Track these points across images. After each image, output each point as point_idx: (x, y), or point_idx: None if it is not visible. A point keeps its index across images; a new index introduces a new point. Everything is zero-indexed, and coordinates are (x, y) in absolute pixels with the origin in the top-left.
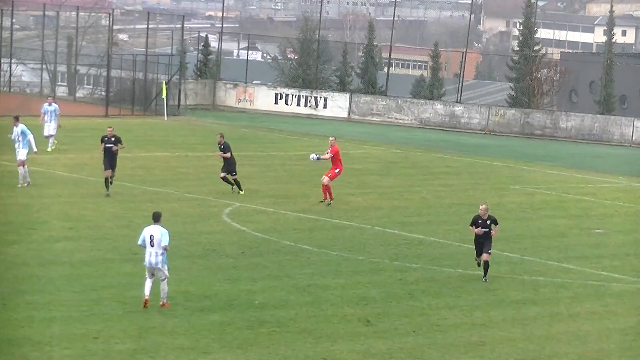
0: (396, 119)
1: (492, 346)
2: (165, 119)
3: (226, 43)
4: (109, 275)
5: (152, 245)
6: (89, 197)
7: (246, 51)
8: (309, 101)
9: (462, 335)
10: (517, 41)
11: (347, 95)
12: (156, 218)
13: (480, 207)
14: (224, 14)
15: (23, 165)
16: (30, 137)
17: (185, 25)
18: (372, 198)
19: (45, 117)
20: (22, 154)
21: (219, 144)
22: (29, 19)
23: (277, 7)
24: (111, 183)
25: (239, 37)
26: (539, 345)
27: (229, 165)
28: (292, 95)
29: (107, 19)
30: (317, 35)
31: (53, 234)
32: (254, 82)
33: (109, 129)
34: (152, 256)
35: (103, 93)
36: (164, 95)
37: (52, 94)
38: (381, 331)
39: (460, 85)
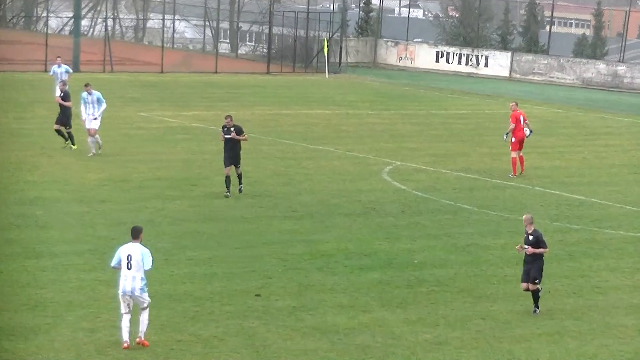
0: (558, 78)
1: None
2: (327, 76)
3: (387, 0)
4: (270, 232)
5: (129, 268)
6: (250, 154)
7: (407, 9)
8: (470, 59)
9: (623, 298)
10: None
11: (509, 53)
12: (136, 234)
13: (523, 217)
14: None
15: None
16: (104, 105)
17: None
18: (533, 158)
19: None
20: (95, 123)
21: (61, 90)
22: None
23: None
24: (240, 188)
25: None
26: None
27: (65, 117)
28: (453, 53)
29: None
30: None
31: (214, 190)
32: (415, 40)
33: (226, 119)
34: (129, 281)
35: (265, 50)
36: (325, 52)
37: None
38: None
39: (624, 44)
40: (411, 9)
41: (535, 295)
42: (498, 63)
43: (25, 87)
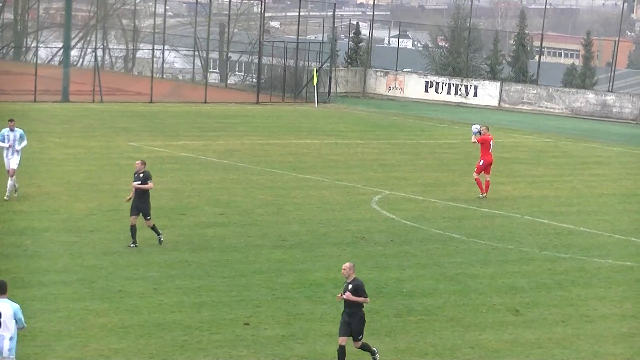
0: (547, 108)
1: None
2: (316, 106)
3: (377, 31)
4: (259, 261)
5: None
6: (239, 183)
7: (397, 39)
8: (459, 89)
9: (611, 326)
10: None
11: (498, 83)
12: (2, 290)
13: (344, 266)
14: (375, 1)
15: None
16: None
17: (336, 13)
18: (522, 187)
19: None
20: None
21: None
22: (181, 6)
23: None
24: (160, 239)
25: (390, 24)
26: None
27: None
28: (443, 83)
29: (259, 6)
30: (468, 23)
31: (204, 220)
32: (404, 70)
33: (137, 163)
34: None
35: (254, 80)
36: (314, 82)
37: None
38: (530, 321)
39: (612, 74)
40: (400, 39)
41: (365, 349)
42: (487, 93)
43: (15, 117)
